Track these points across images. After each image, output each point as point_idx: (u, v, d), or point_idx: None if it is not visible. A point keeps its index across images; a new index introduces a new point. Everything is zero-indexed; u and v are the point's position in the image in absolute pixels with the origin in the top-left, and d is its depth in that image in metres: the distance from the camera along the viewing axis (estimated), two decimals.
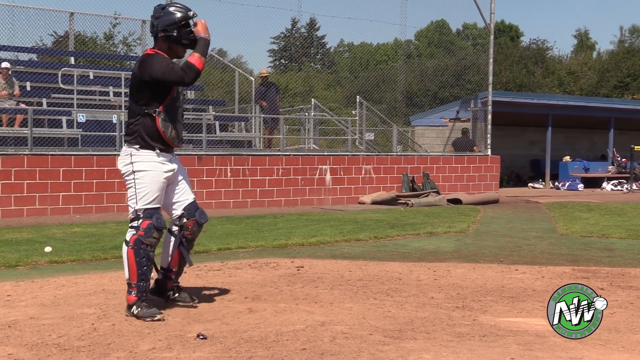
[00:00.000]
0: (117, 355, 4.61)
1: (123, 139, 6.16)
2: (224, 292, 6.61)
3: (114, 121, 15.87)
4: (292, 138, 22.36)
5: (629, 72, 48.98)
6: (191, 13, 5.83)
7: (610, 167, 27.83)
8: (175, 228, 5.97)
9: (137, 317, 5.52)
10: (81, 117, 15.98)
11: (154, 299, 5.83)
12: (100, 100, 17.85)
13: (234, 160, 16.21)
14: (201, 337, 5.01)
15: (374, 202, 17.47)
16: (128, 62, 23.54)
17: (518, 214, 15.77)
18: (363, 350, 4.75)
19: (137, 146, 5.68)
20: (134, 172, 5.68)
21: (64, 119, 16.09)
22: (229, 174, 16.06)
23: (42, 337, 5.03)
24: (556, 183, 26.43)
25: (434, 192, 18.56)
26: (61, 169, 14.27)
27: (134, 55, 26.09)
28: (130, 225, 5.74)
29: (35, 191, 14.04)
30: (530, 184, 27.20)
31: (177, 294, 6.07)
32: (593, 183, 26.42)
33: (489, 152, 20.82)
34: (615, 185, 26.16)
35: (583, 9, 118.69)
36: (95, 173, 14.58)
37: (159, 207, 5.76)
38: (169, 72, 5.60)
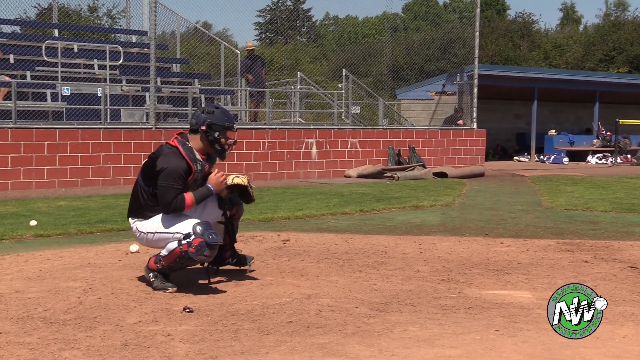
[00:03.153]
0: (104, 328, 4.62)
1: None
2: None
3: (99, 94, 15.74)
4: (278, 112, 22.31)
5: (614, 45, 48.99)
6: (234, 128, 6.14)
7: (595, 140, 27.93)
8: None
9: (152, 286, 5.69)
10: (65, 90, 15.85)
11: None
12: (84, 73, 17.70)
13: None
14: (187, 310, 5.02)
15: (360, 176, 17.48)
16: (113, 35, 23.36)
17: (503, 188, 15.82)
18: (349, 323, 4.78)
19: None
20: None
21: (48, 92, 15.97)
22: None
23: (28, 310, 5.03)
24: (541, 156, 26.50)
25: (419, 165, 18.58)
26: (46, 143, 14.19)
27: (119, 27, 25.91)
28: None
29: (20, 165, 13.96)
30: (515, 157, 27.27)
31: (235, 259, 6.32)
32: (578, 156, 26.52)
33: (475, 126, 20.83)
34: (600, 159, 26.28)
35: None
36: (80, 146, 14.50)
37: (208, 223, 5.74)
38: (166, 190, 5.65)
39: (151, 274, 5.72)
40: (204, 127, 5.89)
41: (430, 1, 34.45)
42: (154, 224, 5.74)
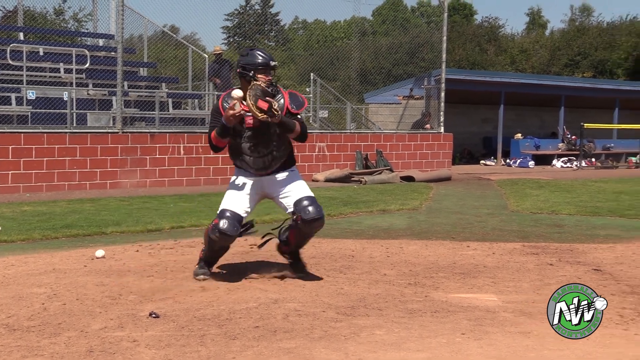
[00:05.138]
0: (68, 334, 4.58)
1: None
2: (177, 270, 6.60)
3: (65, 98, 15.60)
4: None
5: (579, 50, 49.50)
6: (272, 63, 6.15)
7: (560, 144, 28.16)
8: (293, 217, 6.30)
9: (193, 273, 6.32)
10: (31, 94, 15.70)
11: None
12: (50, 77, 17.53)
13: (187, 138, 16.08)
14: (153, 315, 4.99)
15: (328, 180, 17.48)
16: (79, 39, 23.15)
17: (470, 191, 15.92)
18: (316, 327, 4.78)
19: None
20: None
21: (13, 95, 15.78)
22: (182, 151, 15.94)
23: None
24: (508, 160, 26.68)
25: (387, 169, 18.64)
26: (10, 147, 14.02)
27: (85, 31, 25.72)
28: None
29: None
30: (482, 161, 27.42)
31: (291, 261, 6.50)
32: (543, 160, 26.72)
33: (442, 130, 20.93)
34: (565, 163, 26.51)
35: None
36: (45, 151, 14.35)
37: (233, 211, 6.21)
38: (211, 129, 6.32)
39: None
40: (239, 70, 6.17)
41: (399, 6, 34.62)
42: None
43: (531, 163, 25.84)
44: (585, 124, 25.69)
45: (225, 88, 19.34)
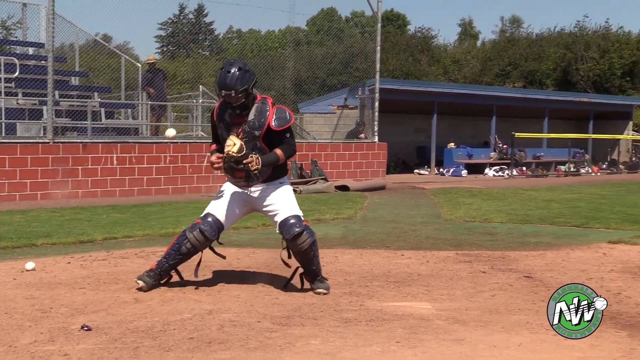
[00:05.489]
0: None
1: None
2: (109, 282, 6.50)
3: None
4: (180, 125, 22.09)
5: (510, 60, 50.48)
6: (225, 93, 6.05)
7: (492, 153, 28.62)
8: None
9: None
10: None
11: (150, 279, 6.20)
12: None
13: (120, 148, 15.89)
14: (86, 328, 4.91)
15: None
16: (7, 47, 22.68)
17: (404, 200, 16.06)
18: (251, 338, 4.77)
19: None
20: None
21: None
22: (115, 162, 15.73)
23: None
24: (441, 169, 26.98)
25: (321, 179, 18.67)
26: None
27: (14, 39, 25.21)
28: None
29: None
30: (416, 170, 27.66)
31: (312, 284, 6.31)
32: (476, 169, 27.11)
33: (377, 139, 21.08)
34: (497, 171, 26.94)
35: None
36: None
37: (216, 217, 6.28)
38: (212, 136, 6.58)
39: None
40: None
41: (333, 16, 34.79)
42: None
43: (464, 172, 26.18)
44: (516, 134, 26.17)
45: (159, 98, 19.22)
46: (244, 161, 6.00)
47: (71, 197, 14.74)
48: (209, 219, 6.22)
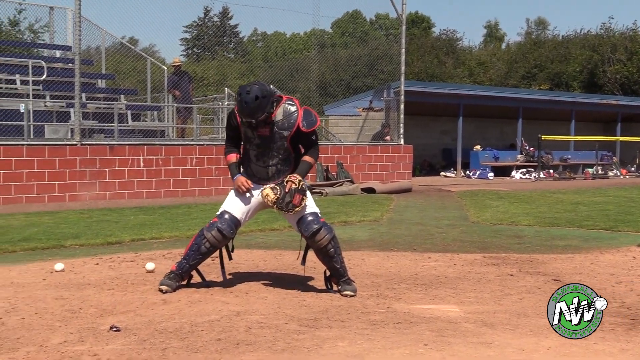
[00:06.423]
0: (27, 349, 4.50)
1: None
2: (137, 283, 6.53)
3: (22, 110, 15.41)
4: (206, 127, 22.17)
5: (535, 63, 50.14)
6: (249, 120, 6.16)
7: (519, 156, 28.47)
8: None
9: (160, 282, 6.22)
10: None
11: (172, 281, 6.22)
12: (6, 88, 17.32)
13: (147, 150, 15.98)
14: (114, 329, 4.93)
15: None
16: (35, 50, 22.91)
17: (430, 203, 16.00)
18: (278, 340, 4.76)
19: None
20: None
21: None
22: (141, 163, 15.83)
23: None
24: (467, 172, 26.88)
25: (348, 181, 18.66)
26: None
27: (42, 42, 25.40)
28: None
29: None
30: (442, 173, 27.60)
31: (339, 287, 6.29)
32: (502, 171, 27.00)
33: (402, 142, 21.03)
34: (524, 174, 26.80)
35: (493, 1, 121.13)
36: (2, 164, 14.16)
37: (232, 214, 6.32)
38: (225, 137, 6.70)
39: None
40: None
41: (358, 18, 34.74)
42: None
43: (490, 174, 26.08)
44: (542, 136, 26.01)
45: (185, 100, 19.31)
46: (286, 190, 6.17)
47: (99, 199, 14.84)
48: (226, 216, 6.27)
